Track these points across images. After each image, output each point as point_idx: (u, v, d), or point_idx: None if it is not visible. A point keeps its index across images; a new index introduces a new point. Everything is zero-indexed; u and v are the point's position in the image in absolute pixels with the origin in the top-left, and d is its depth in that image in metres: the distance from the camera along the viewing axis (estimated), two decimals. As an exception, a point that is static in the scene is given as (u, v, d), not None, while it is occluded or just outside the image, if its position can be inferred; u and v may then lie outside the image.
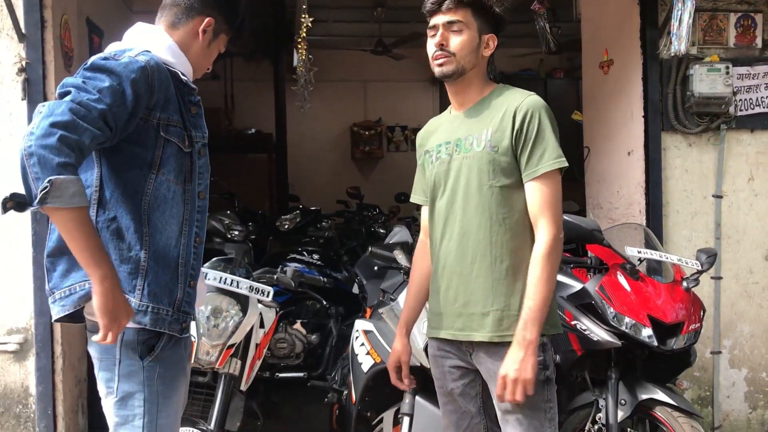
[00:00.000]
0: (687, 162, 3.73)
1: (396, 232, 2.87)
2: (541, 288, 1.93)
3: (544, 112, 2.01)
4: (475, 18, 2.07)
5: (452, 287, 2.08)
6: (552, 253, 1.95)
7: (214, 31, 1.97)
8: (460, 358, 2.11)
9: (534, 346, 1.91)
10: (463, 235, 2.05)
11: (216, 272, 2.62)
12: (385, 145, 9.95)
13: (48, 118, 1.58)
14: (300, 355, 4.48)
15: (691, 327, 2.81)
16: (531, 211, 2.00)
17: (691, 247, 3.60)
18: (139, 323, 1.75)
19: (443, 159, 2.12)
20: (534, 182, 1.99)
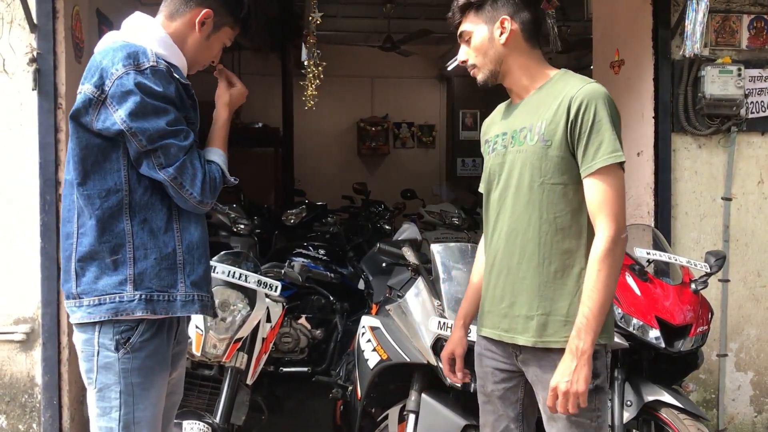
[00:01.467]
0: (697, 164, 3.71)
1: (404, 228, 2.86)
2: (598, 293, 1.80)
3: (602, 101, 1.85)
4: (479, 15, 1.99)
5: (499, 286, 2.01)
6: (610, 254, 1.80)
7: (215, 24, 1.94)
8: (505, 360, 2.03)
9: (588, 356, 1.79)
10: (511, 233, 1.96)
11: (224, 266, 2.62)
12: (392, 141, 9.96)
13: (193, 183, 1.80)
14: (304, 350, 4.49)
15: (699, 329, 2.80)
16: (589, 209, 1.87)
17: (699, 249, 3.59)
18: (188, 312, 1.87)
19: (499, 151, 2.03)
20: (591, 178, 1.85)
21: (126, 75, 1.75)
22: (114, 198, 1.80)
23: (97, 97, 1.77)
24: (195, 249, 1.88)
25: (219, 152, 1.94)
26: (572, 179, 1.90)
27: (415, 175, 9.19)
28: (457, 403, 2.65)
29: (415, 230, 2.83)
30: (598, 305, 1.80)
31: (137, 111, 1.74)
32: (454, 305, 2.66)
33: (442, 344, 2.61)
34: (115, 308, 1.79)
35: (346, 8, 7.57)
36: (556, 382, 1.81)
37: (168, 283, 1.83)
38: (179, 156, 1.78)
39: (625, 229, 1.88)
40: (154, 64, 1.78)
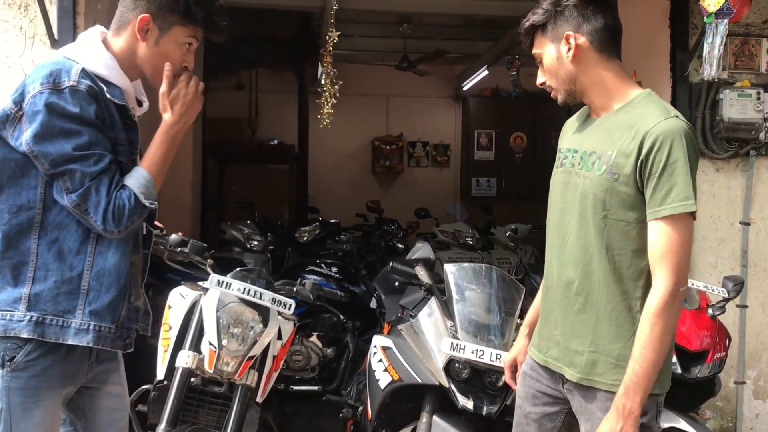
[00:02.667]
0: (714, 187, 3.68)
1: (418, 248, 2.84)
2: (652, 350, 1.68)
3: (679, 141, 1.70)
4: (545, 35, 1.90)
5: (554, 312, 1.93)
6: (667, 309, 1.69)
7: (159, 27, 1.85)
8: (551, 385, 1.96)
9: (635, 417, 1.68)
10: (569, 263, 1.87)
11: (239, 283, 2.61)
12: (406, 160, 9.96)
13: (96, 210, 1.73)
14: (315, 369, 4.45)
15: (716, 355, 2.76)
16: (650, 256, 1.74)
17: (716, 274, 3.55)
18: (80, 342, 1.78)
19: (567, 168, 1.93)
20: (656, 223, 1.72)
21: (40, 94, 1.71)
22: (24, 215, 1.77)
23: (14, 113, 1.74)
24: (105, 276, 1.81)
25: (142, 173, 1.83)
26: (637, 218, 1.77)
27: (428, 194, 9.18)
28: (470, 425, 2.61)
29: (429, 249, 2.81)
30: (651, 363, 1.69)
31: (42, 132, 1.70)
32: (467, 326, 2.64)
33: (454, 365, 2.59)
34: (4, 326, 1.75)
35: (362, 28, 7.63)
36: None
37: (65, 308, 1.77)
38: (84, 182, 1.72)
39: (686, 282, 1.75)
40: (73, 84, 1.72)
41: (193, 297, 2.80)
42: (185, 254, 2.67)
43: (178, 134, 1.93)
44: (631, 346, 1.74)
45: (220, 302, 2.59)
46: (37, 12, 3.21)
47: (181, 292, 2.88)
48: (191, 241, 2.69)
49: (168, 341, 2.78)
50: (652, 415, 1.82)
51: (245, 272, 2.75)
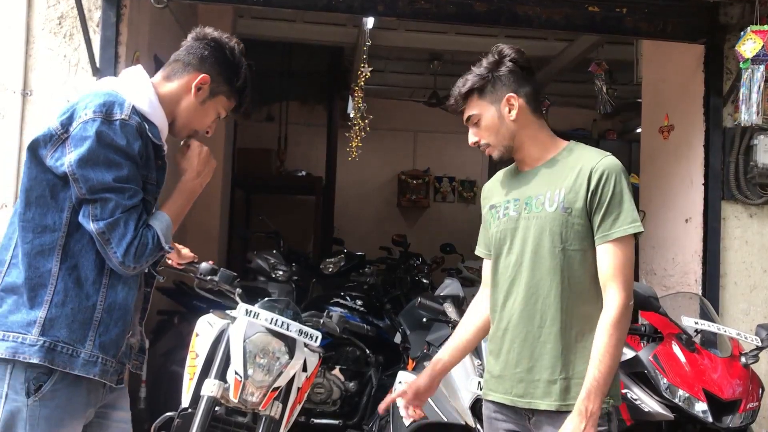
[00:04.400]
0: (747, 233, 3.63)
1: (447, 284, 2.83)
2: (608, 357, 1.84)
3: (620, 174, 1.95)
4: (482, 97, 2.04)
5: (514, 350, 1.99)
6: (621, 321, 1.87)
7: (211, 90, 1.94)
8: (517, 422, 2.01)
9: (595, 418, 1.81)
10: (530, 298, 1.97)
11: (268, 313, 2.62)
12: (432, 194, 9.97)
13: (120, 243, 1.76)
14: (336, 402, 4.42)
15: (749, 405, 2.71)
16: (601, 275, 1.93)
17: (748, 321, 3.48)
18: (87, 373, 1.77)
19: (511, 216, 2.05)
20: (606, 245, 1.92)
21: (93, 121, 1.74)
22: (48, 236, 1.77)
23: (59, 134, 1.76)
24: (115, 309, 1.82)
25: (165, 217, 1.88)
26: (591, 245, 1.95)
27: (454, 230, 9.16)
28: (494, 467, 2.57)
29: (458, 286, 2.81)
30: (608, 369, 1.84)
31: (87, 158, 1.73)
32: (494, 365, 2.61)
33: (481, 405, 2.56)
34: (15, 349, 1.73)
35: (393, 64, 7.73)
36: None
37: (77, 337, 1.77)
38: (115, 213, 1.75)
39: (632, 297, 1.93)
40: (125, 118, 1.77)
41: (220, 325, 2.81)
42: (215, 282, 2.69)
43: (196, 189, 2.01)
44: None
45: (247, 332, 2.60)
46: (81, 41, 3.31)
47: (208, 320, 2.89)
48: (221, 270, 2.71)
49: (194, 369, 2.79)
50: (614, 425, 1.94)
51: (273, 302, 2.76)
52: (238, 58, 1.97)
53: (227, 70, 1.95)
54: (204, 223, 5.56)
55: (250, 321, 2.61)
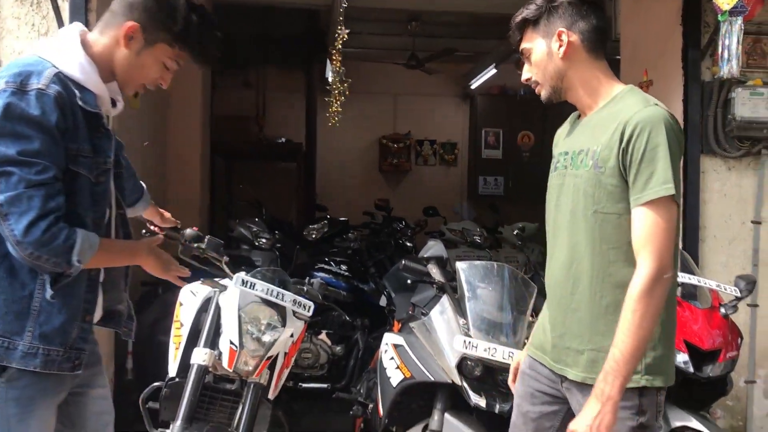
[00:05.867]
0: (726, 186, 3.67)
1: (430, 246, 2.84)
2: (631, 335, 1.67)
3: (659, 127, 1.71)
4: (536, 30, 1.91)
5: (551, 313, 1.95)
6: (648, 294, 1.68)
7: (146, 39, 1.80)
8: (550, 384, 1.96)
9: (614, 403, 1.67)
10: (565, 261, 1.88)
11: (264, 283, 2.61)
12: (414, 158, 9.96)
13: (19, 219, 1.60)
14: (324, 366, 4.46)
15: (729, 354, 2.75)
16: (634, 243, 1.74)
17: (727, 273, 3.53)
18: (26, 366, 1.69)
19: (560, 171, 1.95)
20: (639, 209, 1.73)
21: (2, 92, 1.63)
22: None
23: None
24: (58, 297, 1.70)
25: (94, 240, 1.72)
26: (627, 209, 1.77)
27: (436, 193, 9.18)
28: (482, 423, 2.61)
29: (441, 248, 2.81)
30: (631, 348, 1.68)
31: None
32: (479, 324, 2.64)
33: (467, 363, 2.59)
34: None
35: (371, 26, 7.62)
36: (575, 427, 1.71)
37: (13, 329, 1.68)
38: (18, 187, 1.60)
39: (671, 269, 1.74)
40: (42, 87, 1.64)
41: (204, 294, 2.80)
42: (201, 250, 2.66)
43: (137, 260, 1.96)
44: None
45: (241, 301, 2.60)
46: (50, 9, 3.22)
47: (192, 289, 2.89)
48: (208, 237, 2.68)
49: (179, 338, 2.78)
50: (651, 414, 1.81)
51: (266, 272, 2.75)
52: (173, 0, 1.83)
53: (161, 14, 1.80)
54: (184, 193, 5.52)
55: (243, 290, 2.60)
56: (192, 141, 5.84)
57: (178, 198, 5.26)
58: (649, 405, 1.81)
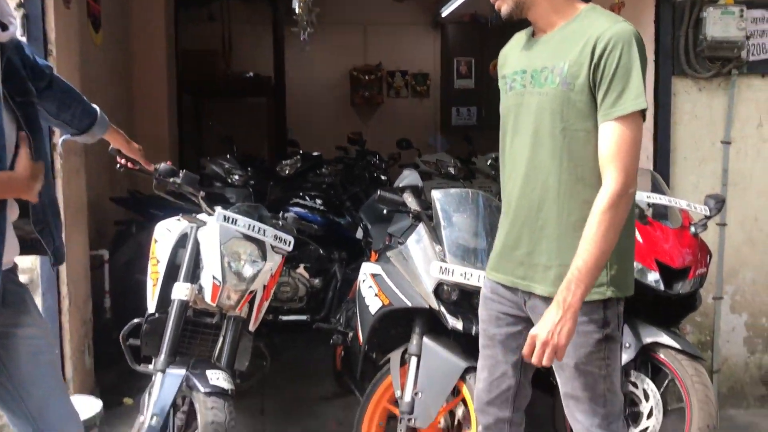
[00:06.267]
0: (697, 107, 3.68)
1: (405, 175, 2.83)
2: (595, 246, 1.71)
3: (630, 43, 1.73)
4: None
5: (514, 233, 1.95)
6: (614, 208, 1.72)
7: None
8: (513, 305, 2.00)
9: (575, 311, 1.72)
10: (530, 181, 1.88)
11: (245, 219, 2.60)
12: (386, 90, 9.84)
13: None
14: (303, 299, 4.50)
15: (698, 271, 2.83)
16: (601, 157, 1.77)
17: (697, 193, 3.58)
18: None
19: (517, 91, 1.92)
20: (608, 124, 1.75)
21: None
22: None
23: None
24: None
25: None
26: (595, 126, 1.79)
27: (409, 125, 9.12)
28: (458, 345, 2.67)
29: (416, 176, 2.81)
30: (594, 259, 1.73)
31: None
32: (455, 250, 2.66)
33: (443, 288, 2.63)
34: None
35: (337, -48, 7.40)
36: (536, 332, 1.75)
37: None
38: None
39: (635, 184, 1.79)
40: None
41: (179, 230, 2.79)
42: (176, 185, 2.63)
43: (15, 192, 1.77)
44: None
45: (221, 237, 2.59)
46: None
47: (166, 225, 2.87)
48: (183, 172, 2.65)
49: (157, 275, 2.78)
50: (615, 325, 1.89)
51: (247, 208, 2.74)
52: None
53: None
54: (153, 131, 5.42)
55: (224, 226, 2.59)
56: (158, 78, 5.69)
57: (146, 137, 5.14)
58: (612, 317, 1.88)
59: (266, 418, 3.74)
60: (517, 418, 2.13)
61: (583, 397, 1.90)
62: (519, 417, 2.14)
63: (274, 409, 3.85)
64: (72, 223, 3.28)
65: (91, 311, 3.63)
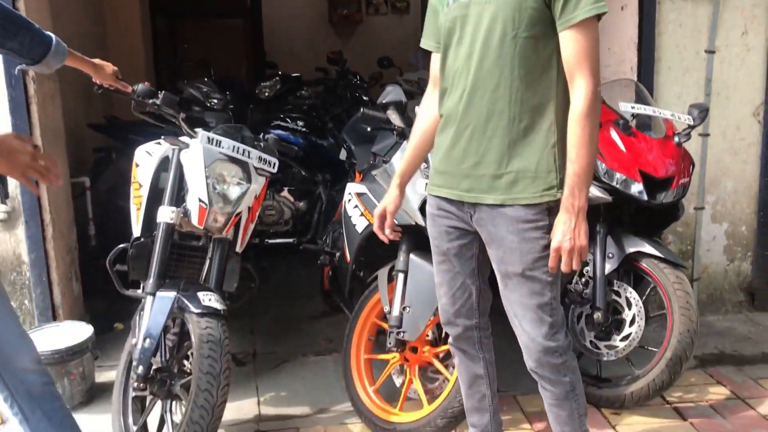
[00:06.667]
0: (681, 16, 3.62)
1: (388, 91, 2.77)
2: (585, 150, 1.80)
3: None
4: None
5: (460, 146, 1.96)
6: (592, 109, 1.79)
7: None
8: (460, 219, 2.05)
9: (584, 212, 1.81)
10: (478, 91, 1.89)
11: (229, 141, 2.55)
12: (364, 8, 9.58)
13: None
14: (289, 222, 4.51)
15: (681, 181, 2.85)
16: (567, 63, 1.81)
17: (681, 104, 3.58)
18: None
19: (461, 3, 1.90)
20: (569, 31, 1.78)
21: None
22: None
23: None
24: None
25: None
26: (544, 32, 1.82)
27: (389, 44, 8.91)
28: (446, 261, 2.70)
29: (400, 92, 2.75)
30: (587, 161, 1.80)
31: None
32: (440, 166, 2.65)
33: (429, 205, 2.64)
34: None
35: None
36: (558, 242, 1.81)
37: None
38: None
39: (600, 83, 1.85)
40: None
41: (161, 153, 2.75)
42: (156, 106, 2.58)
43: None
44: (547, 156, 1.87)
45: (206, 159, 2.55)
46: None
47: (147, 149, 2.82)
48: (163, 93, 2.59)
49: (140, 199, 2.76)
50: (554, 219, 1.90)
51: (230, 129, 2.69)
52: None
53: None
54: (127, 54, 5.28)
55: (208, 148, 2.54)
56: (131, 0, 5.51)
57: (120, 62, 4.96)
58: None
59: (256, 337, 3.80)
60: (483, 323, 2.23)
61: (531, 305, 1.96)
62: (485, 322, 2.24)
63: (264, 329, 3.91)
64: (50, 150, 3.22)
65: (76, 239, 3.62)
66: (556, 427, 2.13)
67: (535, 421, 2.82)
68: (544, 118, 1.87)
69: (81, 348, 3.00)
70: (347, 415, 2.92)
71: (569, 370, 2.04)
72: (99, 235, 4.15)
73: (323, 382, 3.24)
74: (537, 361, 2.02)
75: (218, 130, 2.64)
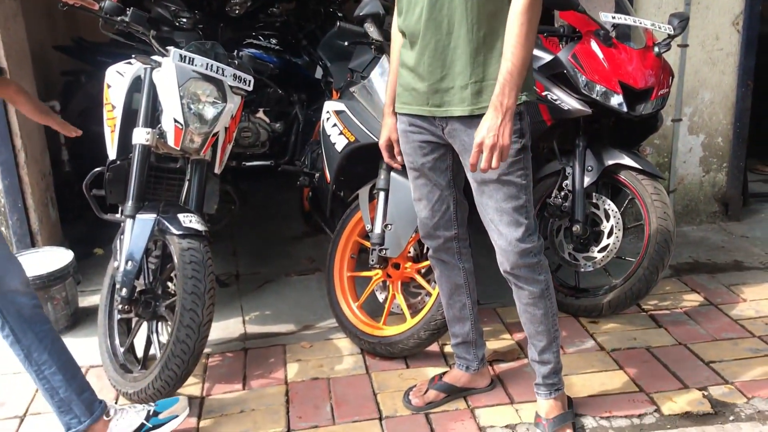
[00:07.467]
0: None
1: (366, 3, 2.67)
2: (520, 48, 1.80)
3: None
4: None
5: (425, 63, 1.98)
6: (531, 8, 1.80)
7: None
8: (432, 133, 2.08)
9: (512, 112, 1.83)
10: (435, 5, 1.91)
11: (203, 58, 2.46)
12: None
13: None
14: (266, 144, 4.44)
15: (660, 92, 2.84)
16: None
17: (660, 14, 3.54)
18: None
19: None
20: None
21: None
22: None
23: None
24: None
25: None
26: None
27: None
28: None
29: (377, 4, 2.65)
30: (521, 60, 1.81)
31: None
32: (419, 81, 2.60)
33: (409, 121, 2.61)
34: None
35: None
36: (481, 138, 1.83)
37: None
38: None
39: None
40: None
41: (132, 72, 2.67)
42: (125, 24, 2.48)
43: None
44: None
45: (179, 78, 2.47)
46: None
47: (118, 69, 2.74)
48: (131, 9, 2.48)
49: (114, 121, 2.69)
50: (528, 136, 2.00)
51: (201, 46, 2.60)
52: None
53: None
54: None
55: (180, 66, 2.46)
56: None
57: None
58: (526, 127, 1.99)
59: (239, 259, 3.82)
60: (462, 233, 2.29)
61: (507, 209, 2.01)
62: (463, 232, 2.30)
63: (247, 251, 3.93)
64: (16, 73, 3.11)
65: (50, 165, 3.55)
66: (530, 327, 2.19)
67: (515, 332, 2.90)
68: (501, 24, 1.87)
69: (63, 273, 2.99)
70: (332, 331, 2.97)
71: (543, 270, 2.11)
72: (73, 160, 4.08)
73: (307, 301, 3.28)
74: (514, 263, 2.06)
75: (190, 47, 2.55)
